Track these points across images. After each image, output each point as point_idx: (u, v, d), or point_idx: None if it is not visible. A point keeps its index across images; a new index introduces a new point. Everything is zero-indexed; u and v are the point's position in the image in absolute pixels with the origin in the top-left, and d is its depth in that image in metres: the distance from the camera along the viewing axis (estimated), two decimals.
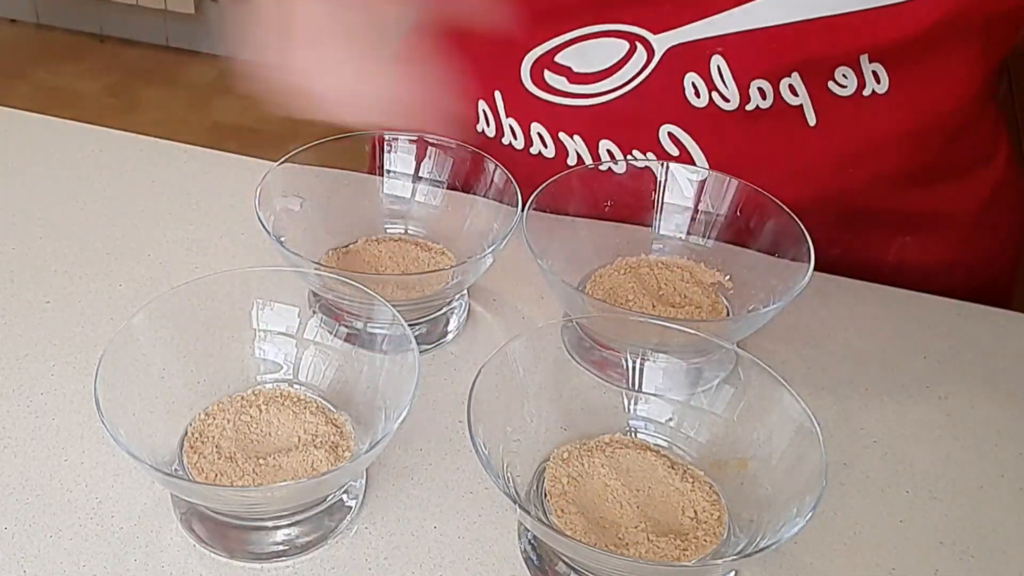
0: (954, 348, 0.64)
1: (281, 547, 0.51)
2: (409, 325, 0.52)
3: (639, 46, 0.66)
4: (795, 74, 0.65)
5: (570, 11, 0.67)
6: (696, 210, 0.65)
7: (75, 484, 0.54)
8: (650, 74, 0.67)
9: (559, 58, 0.69)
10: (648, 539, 0.48)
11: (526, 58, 0.70)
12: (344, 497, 0.53)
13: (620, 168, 0.68)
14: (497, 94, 0.72)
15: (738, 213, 0.64)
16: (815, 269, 0.57)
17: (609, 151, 0.71)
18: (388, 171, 0.68)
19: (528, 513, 0.44)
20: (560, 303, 0.65)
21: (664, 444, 0.54)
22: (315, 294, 0.61)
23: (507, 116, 0.73)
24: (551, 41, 0.68)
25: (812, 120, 0.67)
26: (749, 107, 0.66)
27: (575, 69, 0.69)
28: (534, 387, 0.53)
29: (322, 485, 0.49)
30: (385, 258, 0.65)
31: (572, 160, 0.72)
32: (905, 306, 0.67)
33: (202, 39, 2.79)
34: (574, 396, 0.55)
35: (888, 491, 0.55)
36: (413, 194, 0.68)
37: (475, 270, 0.61)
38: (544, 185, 0.62)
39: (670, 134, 0.69)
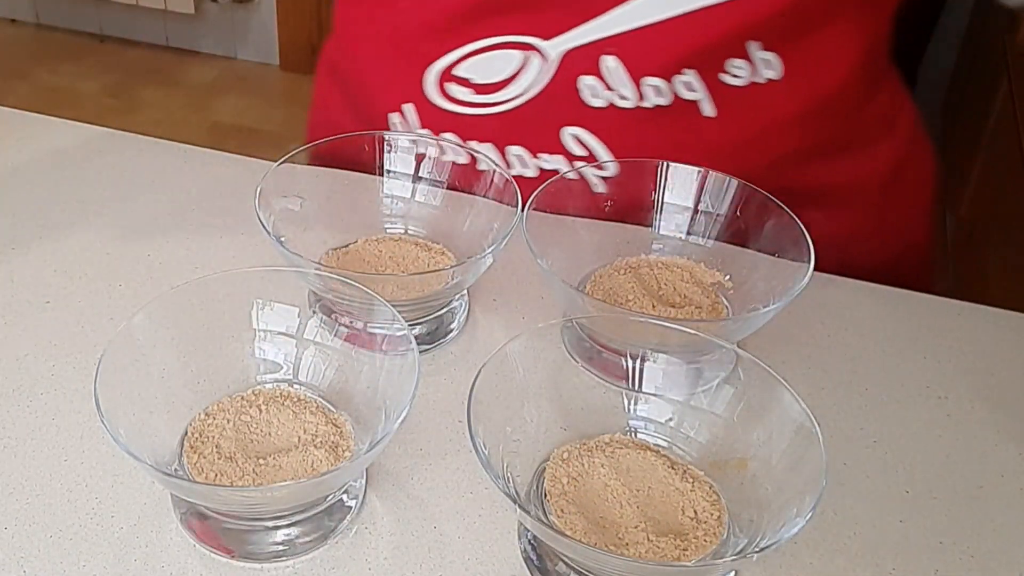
0: (954, 348, 0.64)
1: (281, 547, 0.51)
2: (409, 325, 0.52)
3: (532, 54, 0.68)
4: (689, 71, 0.67)
5: (463, 25, 0.69)
6: (696, 210, 0.65)
7: (75, 484, 0.54)
8: (547, 80, 0.69)
9: (458, 71, 0.71)
10: (648, 539, 0.48)
11: (428, 72, 0.72)
12: (344, 497, 0.53)
13: (530, 171, 0.71)
14: (408, 107, 0.74)
15: (738, 213, 0.64)
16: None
17: (519, 156, 0.73)
18: (388, 171, 0.68)
19: (528, 513, 0.44)
20: (560, 303, 0.65)
21: (664, 444, 0.54)
22: (315, 294, 0.61)
23: (420, 127, 0.75)
24: (449, 55, 0.71)
25: (711, 112, 0.69)
26: (647, 104, 0.68)
27: (475, 80, 0.71)
28: (534, 387, 0.53)
29: (322, 485, 0.49)
30: (385, 258, 0.65)
31: (483, 166, 0.73)
32: (905, 306, 0.67)
33: (202, 39, 2.80)
34: (574, 396, 0.55)
35: (888, 491, 0.55)
36: (413, 194, 0.68)
37: (475, 270, 0.61)
38: (544, 185, 0.62)
39: (574, 136, 0.71)
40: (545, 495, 0.51)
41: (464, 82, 0.71)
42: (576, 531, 0.49)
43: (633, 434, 0.55)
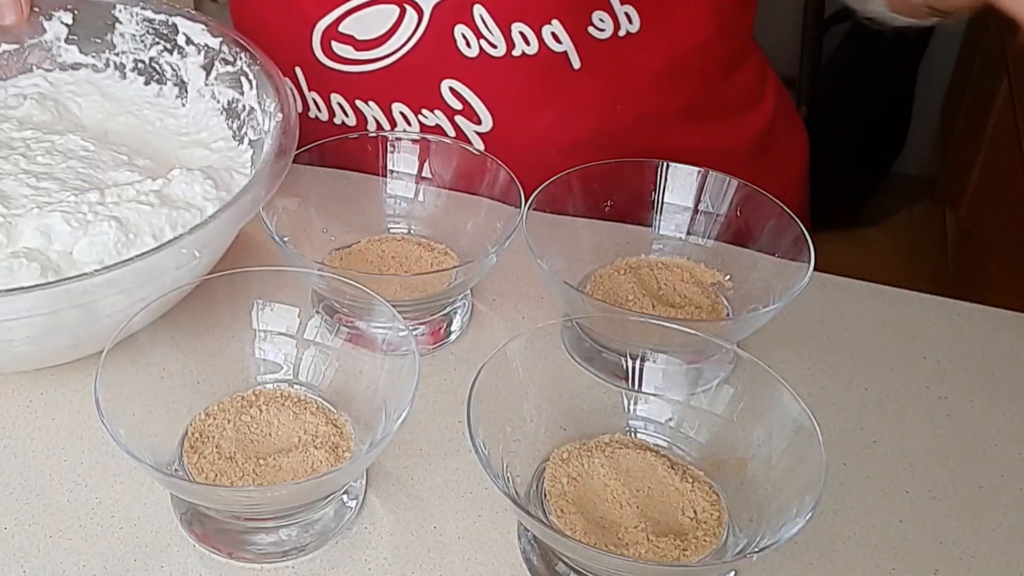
0: (954, 348, 0.64)
1: (281, 547, 0.51)
2: (412, 325, 0.52)
3: (408, 8, 0.71)
4: (555, 21, 0.70)
5: None
6: (696, 210, 0.65)
7: (75, 484, 0.54)
8: (423, 32, 0.72)
9: (342, 28, 0.73)
10: (648, 539, 0.49)
11: (314, 31, 0.74)
12: (344, 497, 0.53)
13: (413, 128, 0.76)
14: (297, 70, 0.77)
15: (738, 213, 0.64)
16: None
17: (402, 113, 0.76)
18: (391, 171, 0.68)
19: (528, 513, 0.44)
20: (560, 303, 0.65)
21: (664, 444, 0.54)
22: (318, 294, 0.61)
23: (309, 90, 0.78)
24: (332, 13, 0.73)
25: (576, 64, 0.73)
26: (516, 53, 0.71)
27: (358, 37, 0.74)
28: (534, 387, 0.53)
29: (322, 485, 0.49)
30: (388, 258, 0.65)
31: (372, 126, 0.78)
32: (905, 306, 0.67)
33: None
34: (574, 396, 0.55)
35: (888, 491, 0.55)
36: (416, 194, 0.68)
37: (479, 270, 0.61)
38: (544, 185, 0.63)
39: (451, 88, 0.74)
40: (545, 495, 0.51)
41: (347, 39, 0.74)
42: (576, 531, 0.49)
43: (633, 434, 0.55)
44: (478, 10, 0.70)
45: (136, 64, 0.74)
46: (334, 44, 0.74)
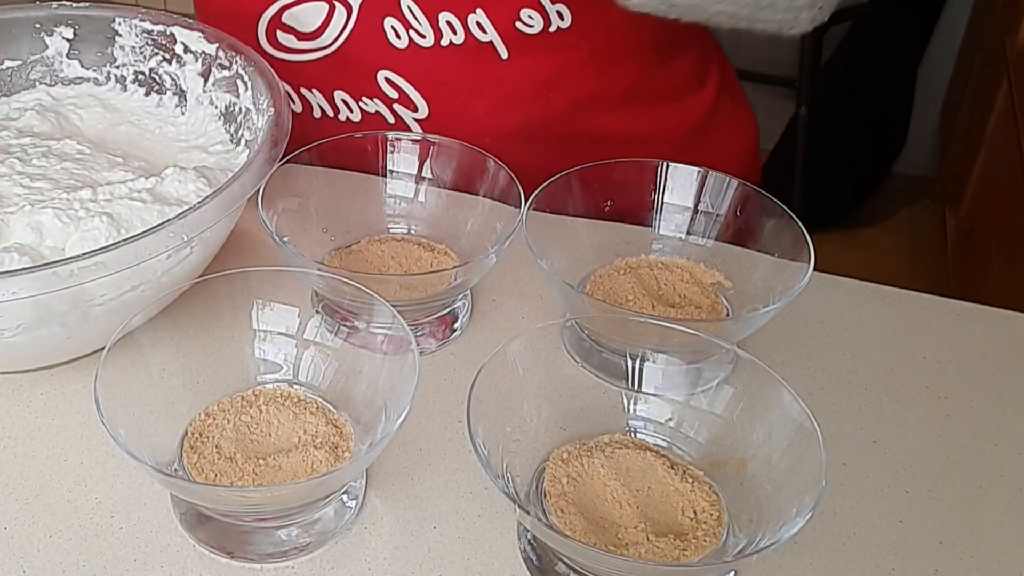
0: (954, 348, 0.64)
1: (281, 547, 0.51)
2: (412, 325, 0.52)
3: (336, 4, 0.74)
4: (479, 10, 0.72)
5: None
6: (696, 210, 0.65)
7: (75, 484, 0.54)
8: (354, 26, 0.75)
9: (284, 19, 0.76)
10: (648, 539, 0.49)
11: (260, 22, 0.77)
12: (344, 497, 0.53)
13: (355, 115, 0.78)
14: None
15: (738, 213, 0.64)
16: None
17: (344, 100, 0.79)
18: (391, 171, 0.68)
19: (528, 513, 0.44)
20: (560, 303, 0.65)
21: (664, 444, 0.54)
22: (317, 294, 0.61)
23: None
24: (272, 6, 0.76)
25: (504, 54, 0.74)
26: (444, 42, 0.73)
27: (297, 29, 0.76)
28: (534, 387, 0.53)
29: (322, 486, 0.49)
30: (388, 258, 0.65)
31: (317, 113, 0.80)
32: (905, 306, 0.67)
33: None
34: (574, 396, 0.55)
35: (888, 491, 0.55)
36: (416, 194, 0.68)
37: (478, 270, 0.61)
38: (544, 185, 0.63)
39: (386, 78, 0.76)
40: (545, 495, 0.51)
41: (289, 29, 0.76)
42: (576, 531, 0.49)
43: (633, 434, 0.55)
44: (405, 2, 0.72)
45: (136, 76, 0.75)
46: (279, 34, 0.77)
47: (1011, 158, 1.47)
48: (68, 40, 0.74)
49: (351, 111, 0.79)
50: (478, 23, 0.73)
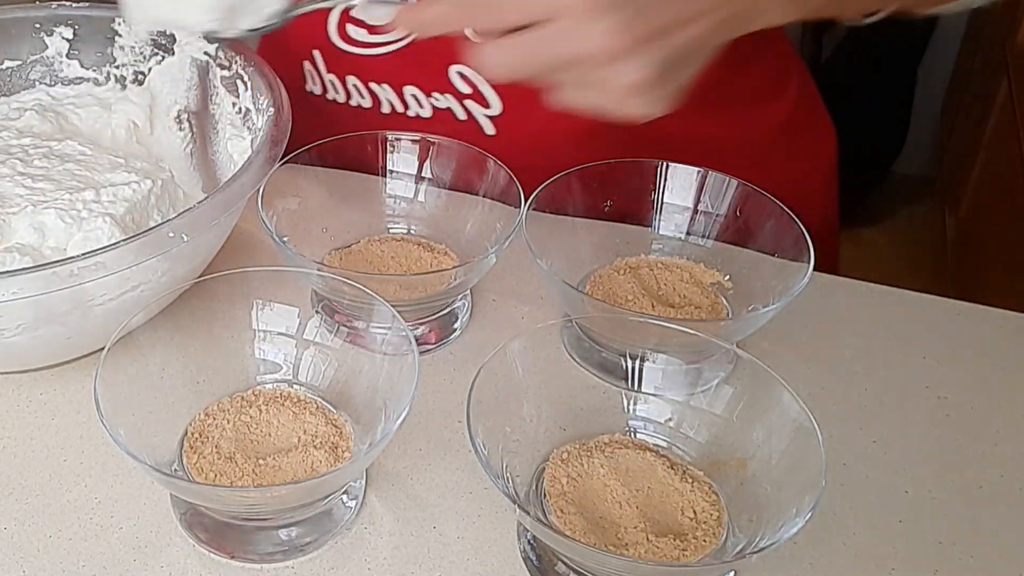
0: (954, 348, 0.64)
1: (281, 547, 0.51)
2: (412, 325, 0.52)
3: None
4: None
5: None
6: (696, 210, 0.65)
7: (75, 484, 0.54)
8: None
9: (355, 13, 0.74)
10: (647, 539, 0.48)
11: (331, 16, 0.75)
12: (344, 497, 0.53)
13: (426, 111, 0.75)
14: (316, 52, 0.78)
15: (738, 213, 0.64)
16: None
17: (414, 96, 0.76)
18: (391, 171, 0.68)
19: (527, 513, 0.44)
20: (560, 303, 0.65)
21: (664, 444, 0.54)
22: (317, 294, 0.61)
23: (327, 72, 0.78)
24: None
25: None
26: None
27: (369, 22, 0.74)
28: (534, 387, 0.53)
29: (322, 486, 0.49)
30: (388, 258, 0.65)
31: (386, 109, 0.78)
32: (905, 306, 0.67)
33: None
34: (574, 396, 0.55)
35: (888, 491, 0.55)
36: (416, 194, 0.68)
37: (478, 270, 0.61)
38: (544, 185, 0.63)
39: (460, 73, 0.73)
40: (545, 495, 0.51)
41: (361, 23, 0.75)
42: (575, 531, 0.49)
43: (633, 434, 0.55)
44: None
45: (136, 76, 0.75)
46: (349, 27, 0.75)
47: (1011, 158, 1.47)
48: (68, 40, 0.74)
49: (421, 107, 0.77)
50: None
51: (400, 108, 0.77)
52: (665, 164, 0.66)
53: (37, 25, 0.73)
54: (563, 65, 0.50)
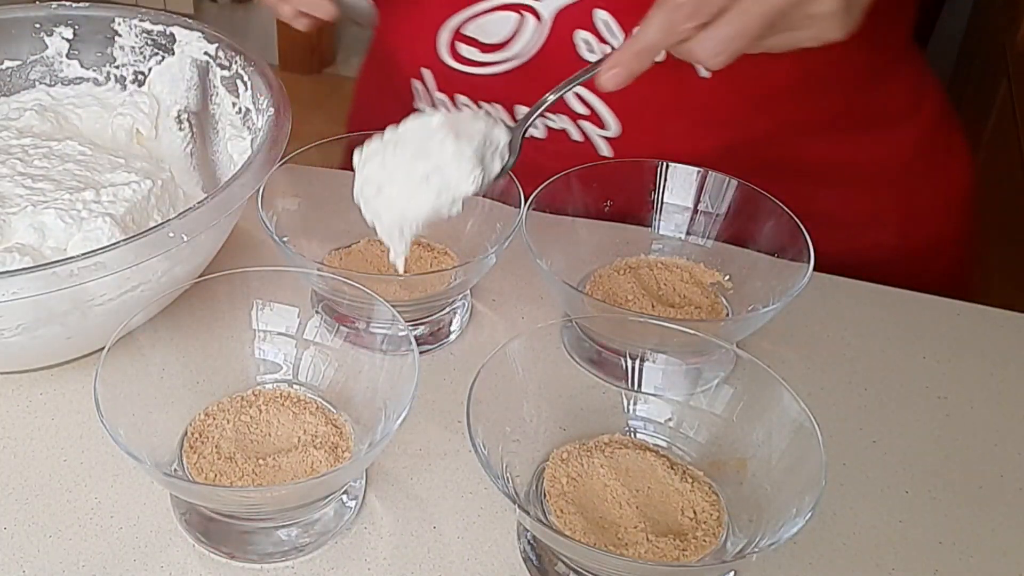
0: (954, 348, 0.64)
1: (281, 547, 0.51)
2: (412, 325, 0.52)
3: (527, 14, 0.69)
4: None
5: None
6: (696, 210, 0.65)
7: (75, 484, 0.54)
8: (545, 38, 0.70)
9: (466, 31, 0.72)
10: (647, 539, 0.48)
11: (440, 34, 0.73)
12: (344, 497, 0.53)
13: (539, 132, 0.73)
14: (425, 71, 0.76)
15: (738, 213, 0.64)
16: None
17: None
18: None
19: (527, 513, 0.44)
20: (560, 303, 0.65)
21: (663, 444, 0.54)
22: (317, 294, 0.61)
23: (437, 91, 0.76)
24: (456, 16, 0.72)
25: (706, 72, 0.68)
26: None
27: (481, 40, 0.72)
28: (533, 387, 0.53)
29: (322, 486, 0.49)
30: (388, 258, 0.65)
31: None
32: (905, 306, 0.67)
33: None
34: (573, 396, 0.55)
35: (888, 491, 0.55)
36: None
37: (478, 270, 0.61)
38: (544, 185, 0.63)
39: (576, 94, 0.71)
40: (544, 495, 0.51)
41: (472, 41, 0.72)
42: (575, 531, 0.49)
43: (632, 434, 0.55)
44: (601, 15, 0.67)
45: (136, 76, 0.74)
46: (460, 46, 0.73)
47: (1011, 158, 1.47)
48: (68, 40, 0.74)
49: (534, 127, 0.73)
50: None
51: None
52: (665, 164, 0.66)
53: (37, 25, 0.73)
54: (773, 17, 0.52)
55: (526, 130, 0.60)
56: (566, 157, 0.68)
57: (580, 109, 0.72)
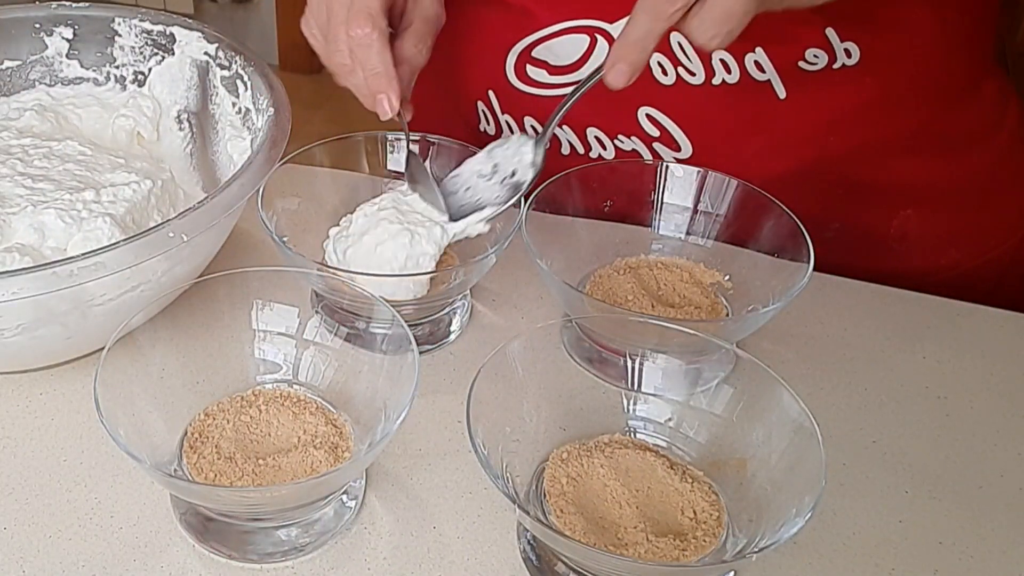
0: (954, 348, 0.64)
1: (281, 547, 0.51)
2: (412, 325, 0.52)
3: (599, 37, 0.69)
4: (759, 49, 0.66)
5: (536, 9, 0.71)
6: (696, 210, 0.65)
7: (75, 484, 0.54)
8: None
9: (535, 53, 0.72)
10: (647, 539, 0.48)
11: (508, 56, 0.72)
12: (344, 497, 0.53)
13: (609, 153, 0.72)
14: (491, 93, 0.75)
15: (738, 213, 0.64)
16: (814, 253, 0.58)
17: (597, 138, 0.73)
18: (391, 171, 0.68)
19: (527, 513, 0.44)
20: (560, 303, 0.65)
21: (663, 444, 0.54)
22: (317, 294, 0.61)
23: (503, 113, 0.75)
24: (525, 39, 0.72)
25: (782, 94, 0.68)
26: (715, 81, 0.68)
27: (551, 63, 0.72)
28: (533, 387, 0.53)
29: (322, 486, 0.49)
30: None
31: (565, 150, 0.75)
32: (905, 306, 0.67)
33: None
34: (573, 396, 0.55)
35: (888, 491, 0.55)
36: None
37: (478, 270, 0.61)
38: (544, 185, 0.63)
39: (648, 115, 0.71)
40: (544, 495, 0.51)
41: (541, 64, 0.72)
42: (575, 531, 0.49)
43: (632, 434, 0.55)
44: (676, 37, 0.67)
45: (136, 76, 0.74)
46: (529, 68, 0.72)
47: None
48: (68, 40, 0.74)
49: (604, 148, 0.73)
50: (756, 62, 0.67)
51: (581, 149, 0.74)
52: (665, 164, 0.66)
53: (37, 25, 0.73)
54: None
55: (548, 143, 0.61)
56: (637, 180, 0.67)
57: (652, 131, 0.71)
